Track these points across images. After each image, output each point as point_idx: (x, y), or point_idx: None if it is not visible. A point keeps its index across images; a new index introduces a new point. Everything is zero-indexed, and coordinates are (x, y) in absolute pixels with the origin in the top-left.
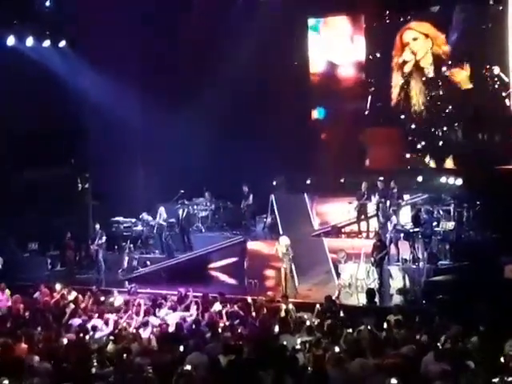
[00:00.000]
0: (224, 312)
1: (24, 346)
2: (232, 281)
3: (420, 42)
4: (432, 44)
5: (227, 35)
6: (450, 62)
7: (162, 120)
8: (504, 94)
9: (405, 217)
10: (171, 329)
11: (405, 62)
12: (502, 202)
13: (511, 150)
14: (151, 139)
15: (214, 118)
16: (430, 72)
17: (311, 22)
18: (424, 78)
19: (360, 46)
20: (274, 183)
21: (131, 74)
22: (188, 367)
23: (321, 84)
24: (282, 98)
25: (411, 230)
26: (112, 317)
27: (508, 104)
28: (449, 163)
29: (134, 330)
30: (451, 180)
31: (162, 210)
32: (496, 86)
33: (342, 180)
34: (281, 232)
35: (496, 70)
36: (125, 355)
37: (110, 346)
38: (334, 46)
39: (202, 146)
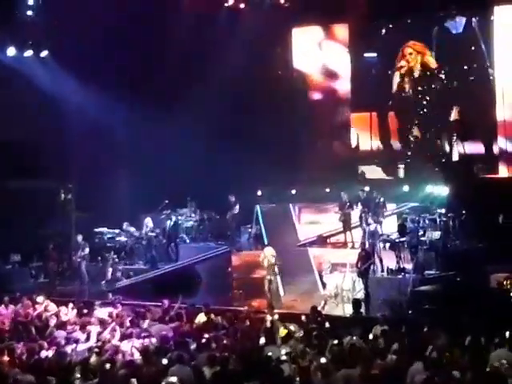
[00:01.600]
0: (209, 323)
1: (6, 358)
2: (217, 291)
3: (413, 55)
4: (422, 57)
5: (212, 46)
6: (435, 70)
7: (147, 130)
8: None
9: (391, 226)
10: (155, 340)
11: (401, 67)
12: (488, 211)
13: (497, 159)
14: (135, 149)
15: (199, 129)
16: (417, 73)
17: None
18: (412, 78)
19: (329, 52)
20: (259, 193)
21: (115, 85)
22: (172, 379)
23: (303, 93)
24: (267, 108)
25: (397, 240)
26: (95, 329)
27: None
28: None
29: (118, 342)
30: (437, 189)
31: (148, 220)
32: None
33: (328, 190)
34: (266, 242)
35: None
36: (108, 367)
37: (94, 359)
38: (305, 54)
39: (187, 157)
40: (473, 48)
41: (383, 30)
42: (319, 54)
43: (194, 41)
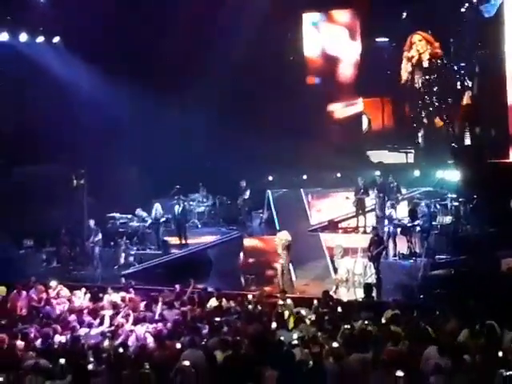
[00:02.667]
0: (221, 307)
1: (20, 343)
2: (229, 276)
3: (423, 43)
4: (430, 46)
5: (219, 29)
6: (444, 61)
7: (158, 115)
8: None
9: (402, 211)
10: (168, 325)
11: (412, 56)
12: (499, 196)
13: (508, 144)
14: (146, 134)
15: (211, 113)
16: (426, 64)
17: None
18: (422, 67)
19: (338, 37)
20: (270, 179)
21: (126, 70)
22: (185, 363)
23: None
24: (279, 94)
25: (409, 224)
26: (108, 313)
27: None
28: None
29: (131, 327)
30: (448, 174)
31: (157, 205)
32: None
33: (339, 175)
34: (277, 228)
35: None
36: (121, 351)
37: (107, 343)
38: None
39: (199, 142)
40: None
41: (404, 14)
42: (328, 38)
43: (205, 26)
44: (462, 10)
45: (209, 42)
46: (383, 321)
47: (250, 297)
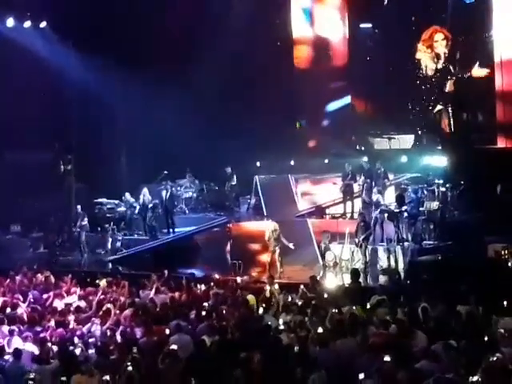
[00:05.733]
0: (208, 293)
1: (7, 328)
2: (216, 261)
3: (444, 42)
4: (448, 43)
5: (210, 19)
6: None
7: (145, 101)
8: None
9: (389, 197)
10: (155, 310)
11: (437, 55)
12: (486, 181)
13: (495, 130)
14: (134, 120)
15: (198, 100)
16: (440, 65)
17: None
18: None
19: (325, 22)
20: (258, 165)
21: (114, 55)
22: (173, 347)
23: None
24: (267, 79)
25: (396, 210)
26: (96, 299)
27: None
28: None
29: (118, 311)
30: (436, 160)
31: (145, 190)
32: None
33: (326, 161)
34: (265, 213)
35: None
36: (109, 337)
37: (95, 328)
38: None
39: (186, 128)
40: (485, 17)
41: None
42: (318, 24)
43: (193, 13)
44: None
45: (200, 28)
46: (369, 306)
47: (236, 282)
